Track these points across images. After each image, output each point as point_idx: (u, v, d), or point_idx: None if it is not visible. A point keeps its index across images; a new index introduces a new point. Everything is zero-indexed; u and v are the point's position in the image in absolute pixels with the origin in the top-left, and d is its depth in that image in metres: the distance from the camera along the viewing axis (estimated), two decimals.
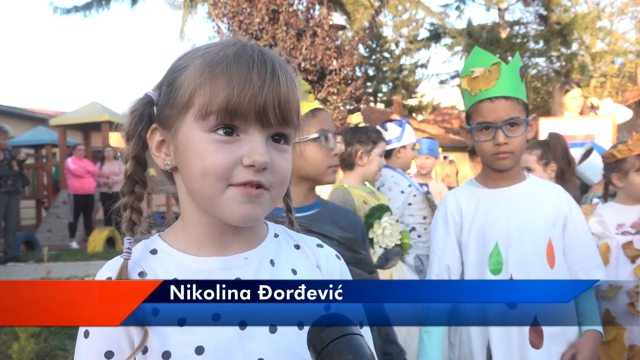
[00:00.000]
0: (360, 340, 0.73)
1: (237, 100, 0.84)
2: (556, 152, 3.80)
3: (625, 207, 2.64)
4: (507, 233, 1.86)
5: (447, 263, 1.93)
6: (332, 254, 1.05)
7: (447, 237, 1.95)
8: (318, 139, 1.81)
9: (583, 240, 1.94)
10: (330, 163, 1.83)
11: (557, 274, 1.85)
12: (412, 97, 27.11)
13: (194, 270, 0.91)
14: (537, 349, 1.80)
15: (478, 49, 1.93)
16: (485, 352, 1.84)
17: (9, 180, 8.59)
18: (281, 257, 0.98)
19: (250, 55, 0.88)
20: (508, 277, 1.83)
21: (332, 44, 13.59)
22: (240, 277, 0.91)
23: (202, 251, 0.93)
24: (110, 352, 0.88)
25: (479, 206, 1.92)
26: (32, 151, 16.15)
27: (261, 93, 0.85)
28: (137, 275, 0.91)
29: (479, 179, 2.01)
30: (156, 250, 0.95)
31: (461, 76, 1.91)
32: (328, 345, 0.72)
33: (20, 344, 3.65)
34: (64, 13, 19.40)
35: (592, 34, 21.14)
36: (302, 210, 1.87)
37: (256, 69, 0.86)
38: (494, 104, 1.83)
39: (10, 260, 8.76)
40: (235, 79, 0.85)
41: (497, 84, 1.83)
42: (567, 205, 1.95)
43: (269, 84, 0.86)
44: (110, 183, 11.25)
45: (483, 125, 1.86)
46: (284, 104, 0.88)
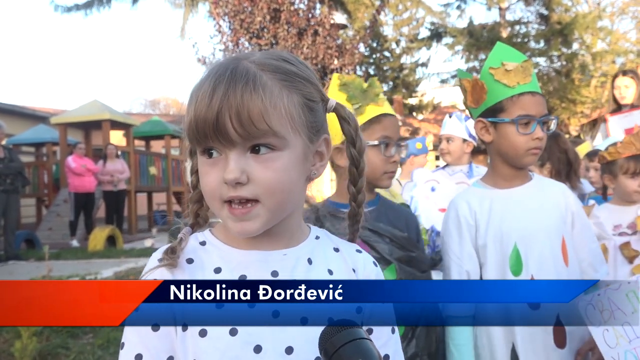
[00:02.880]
0: (369, 345, 0.77)
1: (199, 122, 0.88)
2: (552, 152, 3.79)
3: (620, 208, 2.65)
4: (524, 233, 1.84)
5: (466, 269, 1.90)
6: (370, 260, 1.08)
7: (462, 242, 1.91)
8: (378, 146, 1.85)
9: (588, 236, 1.95)
10: (387, 169, 1.87)
11: (571, 272, 1.85)
12: (412, 96, 27.08)
13: (235, 262, 0.97)
14: (561, 348, 1.80)
15: (502, 45, 1.90)
16: (509, 354, 1.82)
17: (7, 178, 8.59)
18: (319, 257, 1.02)
19: (220, 73, 0.90)
20: (529, 278, 1.82)
21: (334, 43, 13.60)
22: (277, 271, 0.97)
23: (246, 245, 0.99)
24: (157, 326, 0.93)
25: (493, 207, 1.89)
26: (33, 149, 16.16)
27: (209, 110, 0.87)
28: (185, 262, 0.96)
29: (486, 180, 1.98)
30: (205, 242, 1.01)
31: (492, 67, 1.85)
32: (339, 350, 0.76)
33: (22, 342, 3.66)
34: (65, 11, 19.43)
35: (593, 34, 21.11)
36: None
37: (215, 87, 0.88)
38: (535, 97, 1.81)
39: (11, 259, 8.77)
40: (198, 101, 0.89)
41: (532, 80, 1.82)
42: (573, 202, 1.95)
43: (219, 99, 0.87)
44: (115, 181, 11.26)
45: (525, 119, 1.81)
46: (243, 115, 0.87)
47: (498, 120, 1.86)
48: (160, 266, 0.94)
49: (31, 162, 14.64)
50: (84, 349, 4.04)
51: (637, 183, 2.56)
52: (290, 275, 0.96)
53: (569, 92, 20.82)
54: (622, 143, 2.61)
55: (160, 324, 0.92)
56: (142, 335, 0.93)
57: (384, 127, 1.87)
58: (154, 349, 0.93)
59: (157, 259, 0.96)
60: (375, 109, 1.88)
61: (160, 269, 0.94)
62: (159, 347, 0.93)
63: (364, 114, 1.86)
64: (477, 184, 2.03)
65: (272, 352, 0.92)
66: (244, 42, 13.52)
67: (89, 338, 4.39)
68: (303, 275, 0.97)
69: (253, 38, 13.44)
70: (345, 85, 1.90)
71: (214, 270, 0.96)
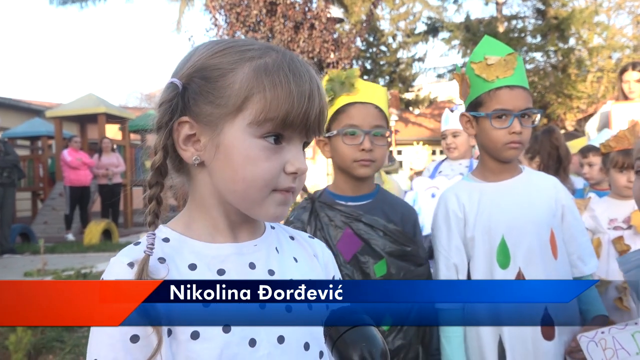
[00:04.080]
0: (374, 331, 0.78)
1: (295, 112, 0.90)
2: (543, 147, 3.79)
3: (617, 202, 2.64)
4: (512, 226, 1.85)
5: (453, 262, 1.91)
6: (323, 244, 1.11)
7: (450, 235, 1.93)
8: (338, 135, 1.85)
9: (578, 230, 1.96)
10: (356, 157, 1.85)
11: (560, 265, 1.86)
12: (409, 90, 27.07)
13: (210, 256, 0.95)
14: (549, 340, 1.80)
15: (489, 38, 1.90)
16: (497, 346, 1.83)
17: (4, 172, 8.57)
18: (283, 246, 1.04)
19: (300, 67, 0.93)
20: (516, 270, 1.82)
21: (330, 37, 13.56)
22: (254, 262, 0.97)
23: (215, 238, 0.97)
24: (136, 336, 0.88)
25: (481, 200, 1.91)
26: (28, 143, 16.09)
27: (313, 108, 0.92)
28: (157, 261, 0.91)
29: (476, 173, 1.99)
30: (168, 239, 0.96)
31: (472, 62, 1.86)
32: (343, 335, 0.77)
33: (17, 335, 3.66)
34: (60, 4, 19.33)
35: (590, 29, 21.12)
36: (355, 200, 1.91)
37: (308, 82, 0.92)
38: (513, 91, 1.81)
39: (6, 252, 8.75)
40: (295, 91, 0.90)
41: (515, 73, 1.81)
42: (563, 195, 1.95)
43: (318, 99, 0.93)
44: (109, 175, 11.23)
45: (500, 113, 1.82)
46: (323, 116, 0.95)
47: (477, 114, 1.88)
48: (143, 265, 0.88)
49: (26, 155, 14.58)
50: (79, 343, 4.04)
51: (626, 178, 2.56)
52: (266, 266, 0.97)
53: (565, 87, 20.83)
54: (616, 136, 2.61)
55: (140, 334, 0.87)
56: (119, 350, 0.87)
57: (349, 116, 1.86)
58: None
59: (127, 263, 0.89)
60: (345, 99, 1.87)
61: (127, 275, 0.88)
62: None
63: (334, 105, 1.88)
64: (467, 177, 2.04)
65: (266, 344, 0.93)
66: (240, 36, 13.47)
67: (84, 331, 4.38)
68: (277, 265, 0.99)
69: (249, 31, 13.39)
70: (330, 80, 1.91)
71: (189, 267, 0.93)
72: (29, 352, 3.72)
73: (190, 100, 0.94)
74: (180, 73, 0.96)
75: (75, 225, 11.33)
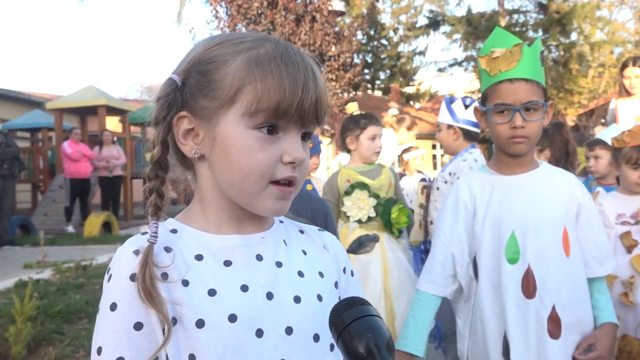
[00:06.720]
0: (379, 321, 0.77)
1: (287, 102, 0.89)
2: (553, 140, 3.79)
3: (625, 197, 2.62)
4: (523, 221, 1.81)
5: (451, 252, 1.90)
6: (333, 237, 1.12)
7: (455, 225, 1.91)
8: None
9: (595, 229, 1.90)
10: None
11: (572, 263, 1.82)
12: (409, 84, 27.07)
13: (216, 247, 0.95)
14: (555, 339, 1.77)
15: (499, 29, 1.87)
16: (502, 342, 1.81)
17: (4, 164, 8.55)
18: (291, 239, 1.04)
19: (294, 57, 0.93)
20: (525, 267, 1.79)
21: (331, 30, 13.54)
22: (261, 254, 0.96)
23: (221, 230, 0.97)
24: (140, 324, 0.88)
25: (493, 193, 1.87)
26: (28, 135, 16.07)
27: (307, 97, 0.91)
28: (164, 250, 0.92)
29: (491, 165, 1.96)
30: (176, 230, 0.97)
31: (480, 56, 1.85)
32: (348, 326, 0.76)
33: (16, 327, 3.64)
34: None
35: (592, 24, 21.07)
36: None
37: (302, 72, 0.91)
38: (513, 85, 1.78)
39: (5, 244, 8.75)
40: (286, 80, 0.89)
41: (518, 66, 1.78)
42: (580, 192, 1.90)
43: (313, 88, 0.92)
44: (110, 167, 11.22)
45: (500, 107, 1.80)
46: (321, 105, 0.94)
47: (484, 108, 1.87)
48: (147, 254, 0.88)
49: (26, 147, 14.55)
50: (78, 334, 4.04)
51: (638, 174, 2.54)
52: (274, 258, 0.97)
53: (566, 82, 20.81)
54: (631, 132, 2.57)
55: (143, 321, 0.88)
56: (123, 336, 0.88)
57: None
58: (138, 350, 0.88)
59: (133, 251, 0.90)
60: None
61: (132, 262, 0.88)
62: (144, 348, 0.88)
63: None
64: (483, 169, 2.01)
65: (273, 335, 0.92)
66: (241, 28, 13.43)
67: (84, 323, 4.38)
68: (285, 257, 0.99)
69: (250, 24, 13.36)
70: None
71: (195, 257, 0.93)
72: (29, 344, 3.70)
73: (188, 95, 0.95)
74: (179, 69, 0.98)
75: (75, 218, 11.33)
